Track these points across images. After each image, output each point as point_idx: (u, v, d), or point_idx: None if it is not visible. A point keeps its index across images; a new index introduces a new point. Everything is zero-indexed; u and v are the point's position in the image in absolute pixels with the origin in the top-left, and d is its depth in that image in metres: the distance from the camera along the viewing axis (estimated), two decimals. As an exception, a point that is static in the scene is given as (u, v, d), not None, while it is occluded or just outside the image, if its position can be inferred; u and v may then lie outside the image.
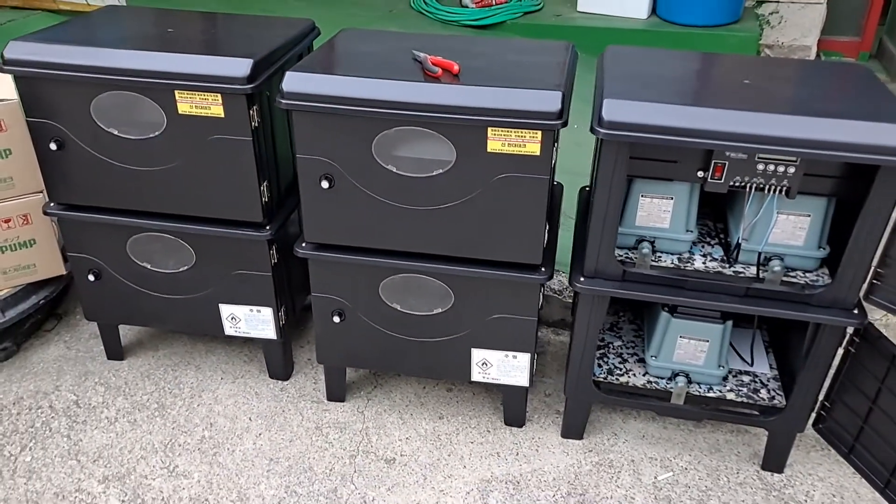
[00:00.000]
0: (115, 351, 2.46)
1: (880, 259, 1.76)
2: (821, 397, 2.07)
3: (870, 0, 5.19)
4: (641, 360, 2.20)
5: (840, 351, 1.94)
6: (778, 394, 2.09)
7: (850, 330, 1.91)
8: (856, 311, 1.78)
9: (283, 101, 1.76)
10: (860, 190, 1.67)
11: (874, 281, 1.79)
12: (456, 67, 1.78)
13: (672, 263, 1.94)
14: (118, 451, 2.15)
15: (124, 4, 4.09)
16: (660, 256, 1.96)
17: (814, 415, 2.10)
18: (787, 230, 1.83)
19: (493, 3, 5.00)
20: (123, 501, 2.01)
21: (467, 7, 5.00)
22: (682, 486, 2.09)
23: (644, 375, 2.16)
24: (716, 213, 2.12)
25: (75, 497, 2.01)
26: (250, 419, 2.28)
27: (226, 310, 2.22)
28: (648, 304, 2.21)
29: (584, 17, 4.96)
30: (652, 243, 1.94)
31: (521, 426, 2.27)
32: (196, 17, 2.28)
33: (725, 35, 4.66)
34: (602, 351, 2.26)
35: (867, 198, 1.63)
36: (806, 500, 2.05)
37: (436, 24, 4.99)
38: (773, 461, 2.12)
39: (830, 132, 1.59)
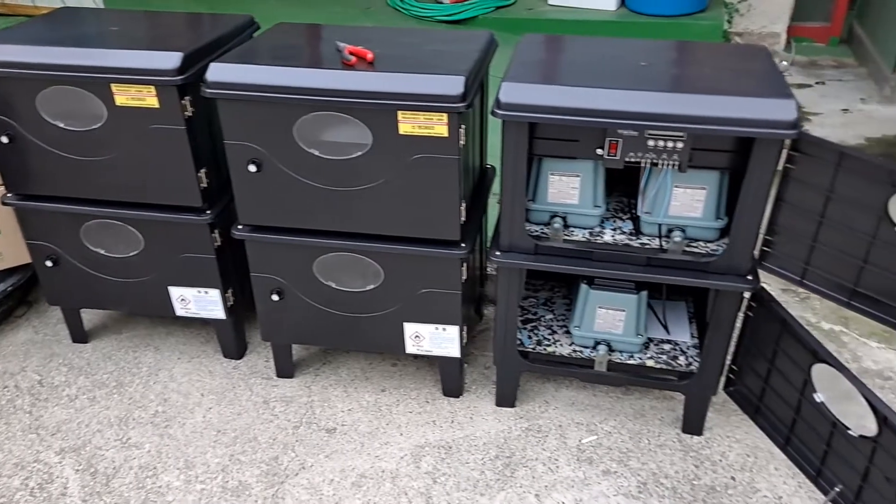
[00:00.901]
0: (80, 334, 2.61)
1: (769, 228, 1.87)
2: (729, 362, 2.17)
3: (839, -14, 5.26)
4: (569, 332, 2.32)
5: (741, 316, 2.05)
6: (695, 360, 2.20)
7: (747, 296, 2.01)
8: (749, 278, 1.89)
9: (207, 91, 1.89)
10: (747, 162, 1.78)
11: (765, 248, 1.89)
12: (370, 56, 1.91)
13: (583, 237, 2.05)
14: (76, 425, 2.30)
15: (101, 6, 4.25)
16: (572, 231, 2.07)
17: (724, 378, 2.21)
18: (685, 203, 1.94)
19: (466, -2, 5.12)
20: (78, 471, 2.15)
21: (442, 3, 5.12)
22: (605, 449, 2.21)
23: (570, 345, 2.28)
24: (630, 189, 2.23)
25: (33, 467, 2.16)
26: (202, 395, 2.42)
27: (175, 292, 2.36)
28: (574, 278, 2.33)
29: (555, 10, 5.07)
30: (564, 218, 2.06)
31: (458, 396, 2.40)
32: (143, 16, 2.42)
33: (691, 24, 4.75)
34: (534, 324, 2.38)
35: (747, 169, 1.74)
36: (721, 460, 2.16)
37: (410, 20, 5.11)
38: (692, 424, 2.23)
39: (709, 108, 1.70)
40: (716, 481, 2.09)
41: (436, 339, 2.24)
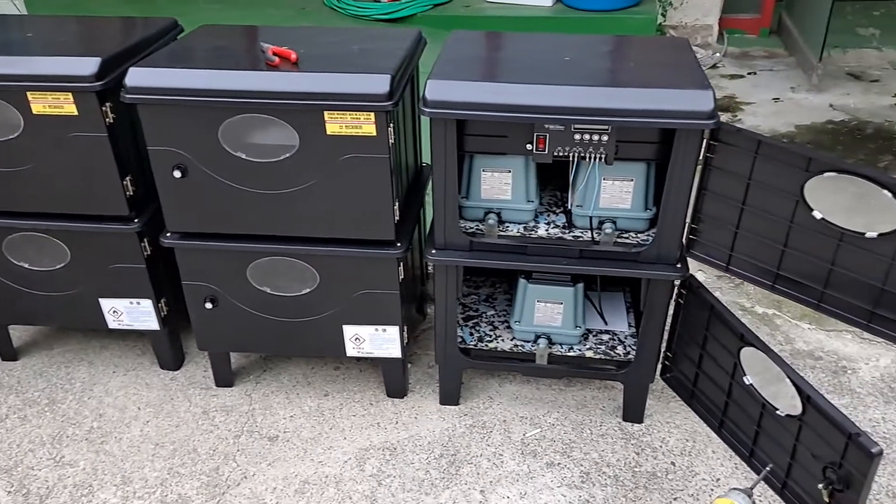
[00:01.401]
0: (8, 351, 2.52)
1: (694, 216, 1.91)
2: (664, 349, 2.21)
3: (767, -22, 5.41)
4: (510, 327, 2.33)
5: (673, 304, 2.09)
6: (633, 349, 2.24)
7: (677, 283, 2.05)
8: (678, 266, 1.93)
9: (127, 96, 1.84)
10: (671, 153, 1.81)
11: (692, 237, 1.93)
12: (294, 56, 1.88)
13: (518, 232, 2.06)
14: (6, 445, 2.22)
15: (24, 13, 4.11)
16: (507, 226, 2.08)
17: (660, 366, 2.25)
18: (614, 194, 1.96)
19: (404, -4, 5.10)
20: (10, 492, 2.07)
21: (379, 1, 5.10)
22: (548, 441, 2.22)
23: (511, 340, 2.29)
24: (563, 183, 2.25)
25: (-40, 491, 2.08)
26: (139, 408, 2.36)
27: (106, 304, 2.30)
28: (514, 274, 2.34)
29: (493, 7, 5.10)
30: (498, 214, 2.07)
31: (402, 397, 2.39)
32: (62, 21, 2.34)
33: (626, 18, 4.83)
34: (475, 320, 2.39)
35: (670, 160, 1.77)
36: (661, 446, 2.20)
37: (347, 20, 5.08)
38: (632, 412, 2.26)
39: (630, 101, 1.72)
40: (656, 467, 2.13)
41: (376, 340, 2.22)
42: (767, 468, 1.86)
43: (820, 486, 1.70)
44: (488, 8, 5.10)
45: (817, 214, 1.68)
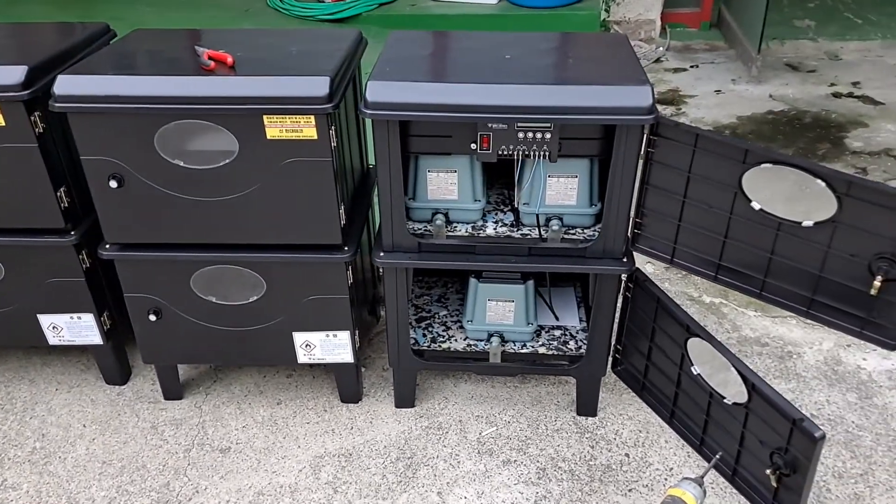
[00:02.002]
0: (-58, 374, 2.42)
1: (637, 211, 1.93)
2: (615, 342, 2.24)
3: (706, -28, 5.52)
4: (463, 327, 2.32)
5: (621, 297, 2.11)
6: (584, 343, 2.25)
7: (624, 278, 2.07)
8: (625, 260, 1.94)
9: (56, 105, 1.78)
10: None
11: (637, 231, 1.95)
12: (230, 59, 1.84)
13: (466, 232, 2.06)
14: (-57, 472, 2.13)
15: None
16: (455, 226, 2.08)
17: (612, 359, 2.27)
18: (560, 191, 1.97)
19: (348, -4, 5.06)
20: (-53, 521, 1.99)
21: (323, 1, 5.05)
22: (504, 439, 2.23)
23: (464, 340, 2.28)
24: (511, 181, 2.25)
25: None
26: (84, 426, 2.28)
27: (45, 320, 2.22)
28: (466, 273, 2.33)
29: (438, 5, 5.10)
30: (446, 215, 2.06)
31: (357, 402, 2.36)
32: (-14, 28, 2.25)
33: (570, 14, 4.88)
34: (428, 321, 2.37)
35: (612, 155, 1.78)
36: (615, 438, 2.22)
37: (293, 21, 5.01)
38: (586, 406, 2.28)
39: (571, 98, 1.73)
40: (611, 460, 2.15)
41: (327, 346, 2.20)
42: (717, 456, 1.89)
43: (767, 471, 1.73)
44: (434, 6, 5.10)
45: (756, 205, 1.72)
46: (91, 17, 4.52)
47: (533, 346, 2.25)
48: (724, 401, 1.85)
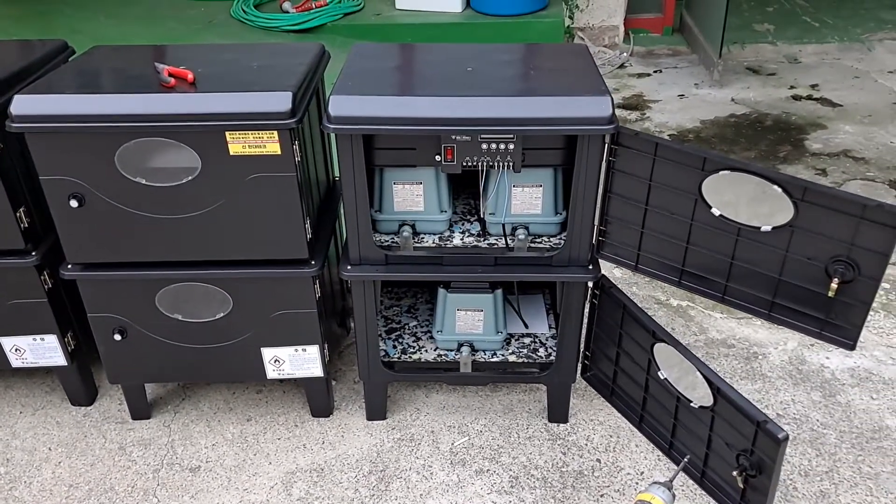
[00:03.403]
0: None
1: (601, 219, 1.95)
2: (583, 349, 2.26)
3: (667, -21, 5.61)
4: (433, 337, 2.33)
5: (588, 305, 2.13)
6: (554, 350, 2.27)
7: (590, 284, 2.10)
8: (590, 267, 1.97)
9: (13, 125, 1.75)
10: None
11: (601, 238, 1.97)
12: (190, 76, 1.83)
13: (433, 243, 2.06)
14: None
15: None
16: (423, 238, 2.08)
17: (581, 365, 2.29)
18: (525, 201, 1.99)
19: (314, 6, 5.05)
20: None
21: (287, 12, 5.03)
22: (477, 448, 2.23)
23: (434, 350, 2.29)
24: (477, 191, 2.27)
25: None
26: (49, 449, 2.24)
27: (7, 342, 2.18)
28: (435, 284, 2.34)
29: (403, 14, 5.10)
30: (412, 226, 2.06)
31: (328, 416, 2.35)
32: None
33: (534, 22, 4.91)
34: (398, 333, 2.37)
35: (575, 165, 1.80)
36: (586, 444, 2.23)
37: (257, 32, 4.98)
38: (557, 413, 2.29)
39: (532, 109, 1.75)
40: (583, 466, 2.16)
41: (296, 361, 2.18)
42: (686, 459, 1.92)
43: (734, 472, 1.76)
44: (399, 16, 5.11)
45: (715, 211, 1.75)
46: (50, 30, 4.46)
47: (503, 355, 2.26)
48: (691, 404, 1.88)
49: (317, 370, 2.20)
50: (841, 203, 1.59)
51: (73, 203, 1.84)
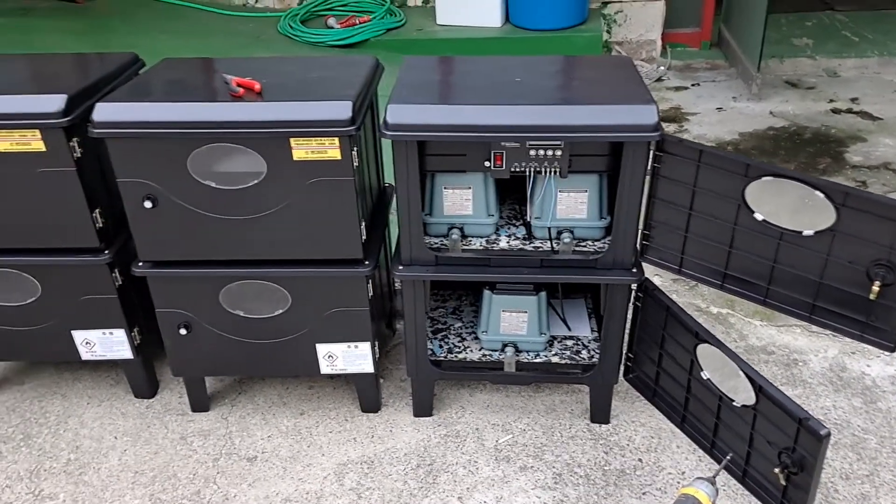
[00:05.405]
0: (-23, 390, 2.51)
1: (646, 223, 2.02)
2: (626, 350, 2.32)
3: (705, -7, 5.65)
4: (478, 338, 2.41)
5: (631, 307, 2.20)
6: (597, 353, 2.34)
7: (634, 287, 2.16)
8: (634, 270, 2.04)
9: (95, 131, 1.89)
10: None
11: (645, 242, 2.04)
12: (258, 86, 1.95)
13: (480, 245, 2.15)
14: (-18, 483, 2.22)
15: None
16: (470, 240, 2.17)
17: (623, 367, 2.35)
18: (570, 206, 2.07)
19: (357, 22, 5.21)
20: (-13, 530, 2.08)
21: (332, 28, 5.19)
22: (521, 446, 2.31)
23: (479, 350, 2.37)
24: (521, 196, 2.35)
25: (-63, 532, 2.07)
26: (115, 438, 2.37)
27: (79, 336, 2.32)
28: (479, 286, 2.43)
29: (444, 30, 5.23)
30: (461, 229, 2.15)
31: (376, 411, 2.45)
32: (22, 59, 2.38)
33: (573, 36, 5.00)
34: (444, 333, 2.46)
35: (621, 171, 1.88)
36: (628, 444, 2.29)
37: (303, 47, 5.15)
38: (599, 413, 2.36)
39: (581, 117, 1.84)
40: (625, 465, 2.22)
41: (349, 357, 2.28)
42: (728, 457, 1.97)
43: (776, 470, 1.81)
44: (439, 31, 5.24)
45: (758, 216, 1.81)
46: (108, 45, 4.68)
47: (546, 356, 2.34)
48: (733, 404, 1.93)
49: (368, 366, 2.30)
50: (882, 208, 1.64)
51: (148, 204, 1.97)
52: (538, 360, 2.33)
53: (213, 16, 5.61)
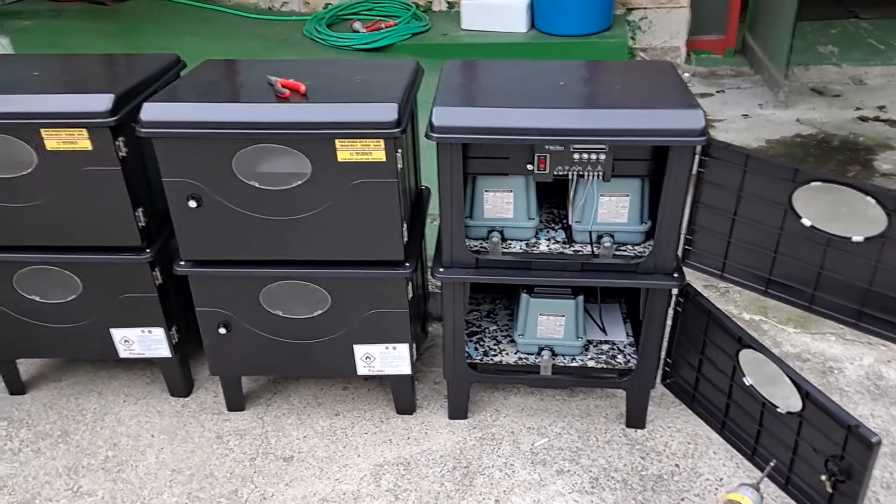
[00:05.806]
0: (16, 386, 2.54)
1: (688, 228, 2.02)
2: (664, 355, 2.31)
3: (730, 0, 5.63)
4: (514, 341, 2.41)
5: (671, 312, 2.19)
6: (632, 357, 2.33)
7: (675, 292, 2.16)
8: (675, 275, 2.03)
9: (142, 130, 1.91)
10: (664, 169, 1.92)
11: (687, 247, 2.04)
12: (303, 88, 1.97)
13: (521, 249, 2.16)
14: (22, 479, 2.23)
15: (12, 53, 4.14)
16: (510, 243, 2.17)
17: (661, 372, 2.34)
18: (611, 210, 2.07)
19: (383, 26, 5.23)
20: (28, 525, 2.09)
21: (358, 32, 5.22)
22: (556, 450, 2.30)
23: (515, 353, 2.37)
24: (561, 200, 2.36)
25: (-21, 526, 2.09)
26: (153, 436, 2.38)
27: (118, 334, 2.34)
28: (514, 289, 2.43)
29: (469, 35, 5.24)
30: (501, 232, 2.16)
31: (411, 413, 2.45)
32: (63, 60, 2.40)
33: (599, 42, 4.99)
34: (479, 336, 2.47)
35: (665, 175, 1.88)
36: (664, 450, 2.28)
37: (330, 50, 5.18)
38: (635, 418, 2.35)
39: (626, 121, 1.83)
40: (662, 470, 2.21)
41: (387, 358, 2.29)
42: (772, 464, 1.96)
43: (823, 477, 1.80)
44: (465, 36, 5.24)
45: (806, 222, 1.80)
46: (138, 47, 4.72)
47: (582, 360, 2.33)
48: (778, 410, 1.92)
49: (405, 368, 2.31)
50: (934, 214, 1.63)
51: (192, 203, 1.99)
52: (574, 363, 2.32)
53: (239, 19, 5.66)
